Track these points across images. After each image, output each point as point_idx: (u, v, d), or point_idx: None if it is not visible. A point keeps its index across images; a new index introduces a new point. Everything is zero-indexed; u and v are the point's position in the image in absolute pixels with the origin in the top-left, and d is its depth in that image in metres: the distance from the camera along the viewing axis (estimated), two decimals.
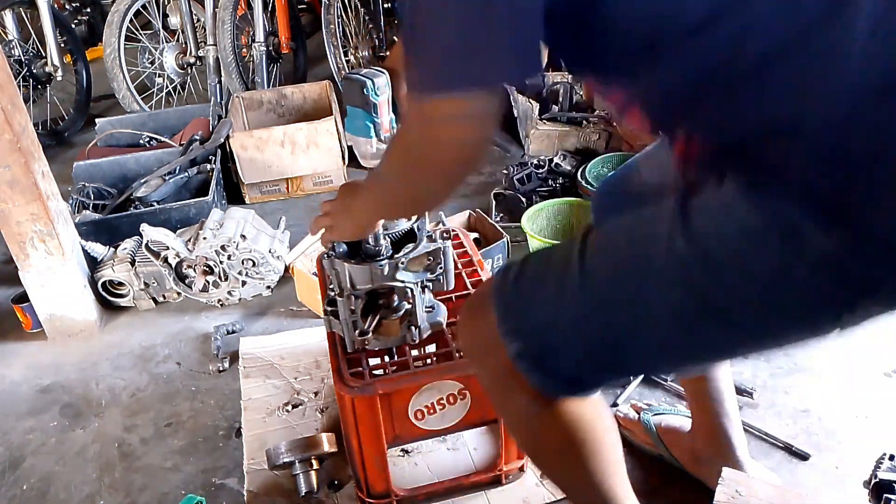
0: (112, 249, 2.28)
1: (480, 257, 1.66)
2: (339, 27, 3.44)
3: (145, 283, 2.21)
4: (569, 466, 1.08)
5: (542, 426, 1.04)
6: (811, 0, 0.70)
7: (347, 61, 3.51)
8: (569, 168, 2.58)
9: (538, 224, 2.31)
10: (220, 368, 1.97)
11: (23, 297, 2.14)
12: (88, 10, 4.51)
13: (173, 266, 2.19)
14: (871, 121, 0.69)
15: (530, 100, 2.77)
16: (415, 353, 1.47)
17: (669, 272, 0.83)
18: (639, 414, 1.58)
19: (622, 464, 1.10)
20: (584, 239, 0.94)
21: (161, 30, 3.57)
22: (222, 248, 2.15)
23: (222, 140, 2.78)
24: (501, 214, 2.53)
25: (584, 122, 2.73)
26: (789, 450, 1.58)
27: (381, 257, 1.29)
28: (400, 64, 1.19)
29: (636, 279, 0.88)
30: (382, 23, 3.49)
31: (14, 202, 1.98)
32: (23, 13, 3.44)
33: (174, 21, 3.55)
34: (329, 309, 1.39)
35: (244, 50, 3.45)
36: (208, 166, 2.73)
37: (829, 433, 1.63)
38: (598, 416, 1.05)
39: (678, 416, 1.55)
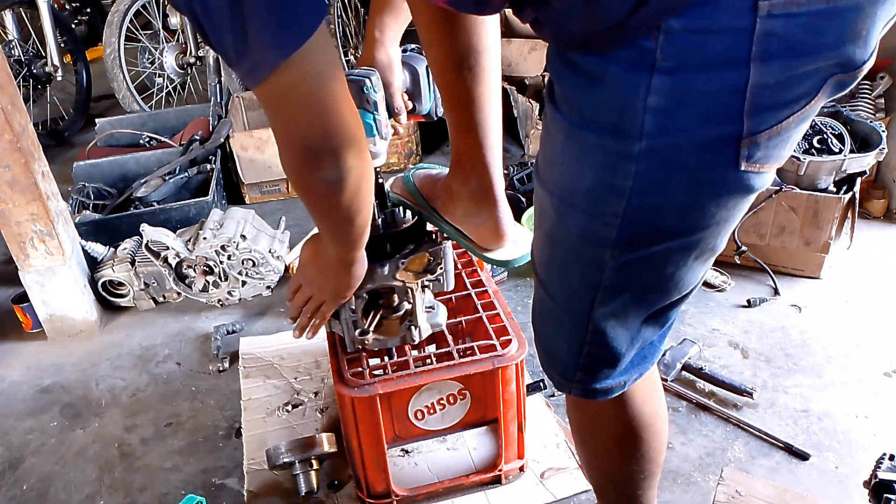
0: (112, 249, 2.28)
1: None
2: (338, 27, 3.44)
3: (145, 283, 2.21)
4: (619, 462, 1.09)
5: (607, 420, 1.05)
6: None
7: (347, 61, 3.51)
8: None
9: None
10: (220, 368, 1.97)
11: (23, 297, 2.14)
12: (88, 10, 4.51)
13: (173, 266, 2.19)
14: None
15: (530, 100, 2.77)
16: (415, 353, 1.47)
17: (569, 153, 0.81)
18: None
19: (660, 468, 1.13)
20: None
21: (161, 30, 3.57)
22: (222, 248, 2.15)
23: (222, 140, 2.79)
24: None
25: None
26: (789, 450, 1.58)
27: (382, 257, 1.29)
28: (373, 62, 1.18)
29: (560, 209, 0.86)
30: None
31: (14, 202, 1.98)
32: (23, 13, 3.45)
33: (174, 21, 3.55)
34: None
35: None
36: (208, 166, 2.73)
37: (829, 433, 1.63)
38: (653, 413, 1.06)
39: (437, 168, 1.38)
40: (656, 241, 0.81)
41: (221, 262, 2.16)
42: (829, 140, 2.04)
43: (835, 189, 2.07)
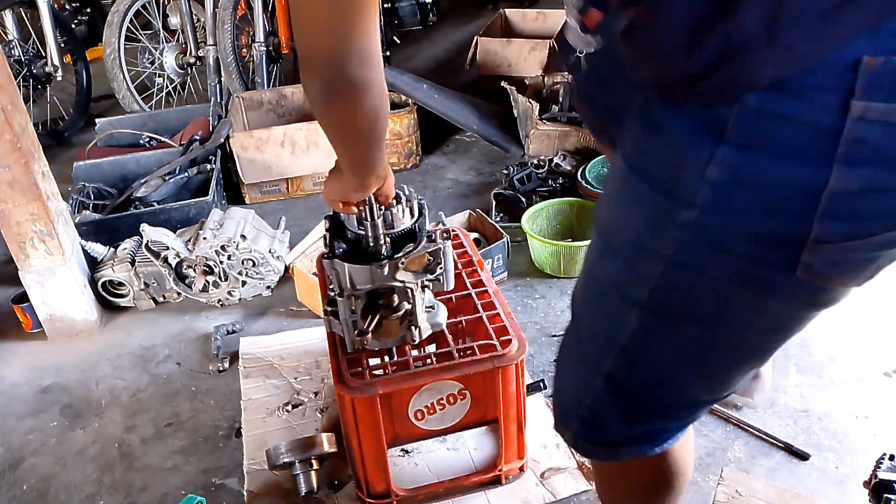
0: (112, 249, 2.28)
1: (480, 257, 1.66)
2: None
3: (145, 283, 2.21)
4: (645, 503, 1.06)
5: (636, 470, 1.00)
6: None
7: None
8: (569, 168, 2.58)
9: (538, 224, 2.31)
10: (220, 368, 1.97)
11: (23, 297, 2.14)
12: (88, 10, 4.50)
13: (173, 266, 2.19)
14: None
15: (530, 100, 2.77)
16: (415, 353, 1.47)
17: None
18: None
19: None
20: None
21: (161, 30, 3.57)
22: (222, 248, 2.15)
23: (222, 140, 2.78)
24: (501, 214, 2.53)
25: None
26: (789, 450, 1.58)
27: (381, 257, 1.29)
28: None
29: (610, 278, 0.81)
30: (382, 22, 3.50)
31: (14, 202, 1.98)
32: (23, 13, 3.44)
33: (174, 21, 3.55)
34: (329, 309, 1.38)
35: (244, 50, 3.44)
36: (208, 166, 2.73)
37: (829, 433, 1.63)
38: (687, 463, 1.02)
39: None
40: (686, 323, 0.76)
41: (221, 262, 2.16)
42: None
43: None
